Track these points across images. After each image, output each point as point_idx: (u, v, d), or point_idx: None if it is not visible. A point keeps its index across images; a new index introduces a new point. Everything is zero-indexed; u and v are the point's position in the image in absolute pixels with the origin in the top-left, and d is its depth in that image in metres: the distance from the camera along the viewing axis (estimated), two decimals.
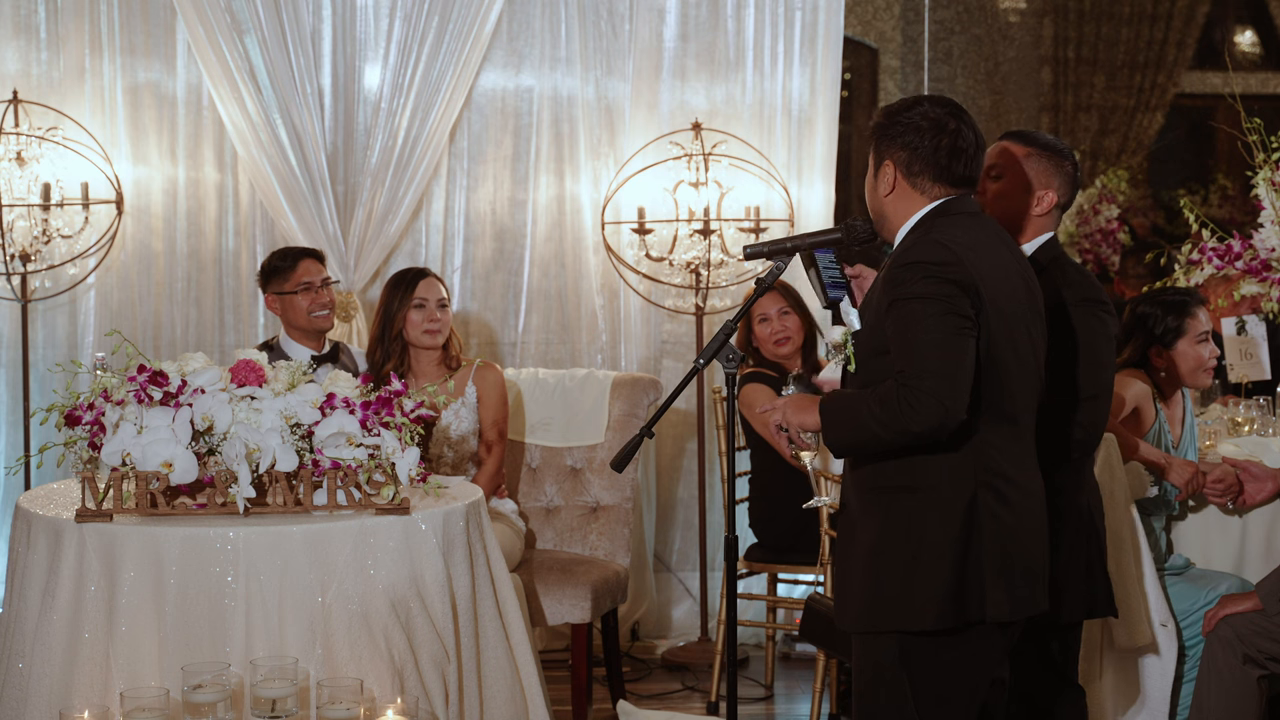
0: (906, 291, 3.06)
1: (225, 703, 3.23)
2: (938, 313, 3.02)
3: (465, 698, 3.66)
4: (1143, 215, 11.14)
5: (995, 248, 3.17)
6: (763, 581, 5.81)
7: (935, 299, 3.03)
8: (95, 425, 3.55)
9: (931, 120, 3.18)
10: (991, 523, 3.09)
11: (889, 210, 3.25)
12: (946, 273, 3.05)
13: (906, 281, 3.07)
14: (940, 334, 3.01)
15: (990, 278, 3.09)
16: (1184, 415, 4.74)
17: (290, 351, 5.10)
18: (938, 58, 10.82)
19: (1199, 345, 4.62)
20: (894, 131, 3.21)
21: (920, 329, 3.02)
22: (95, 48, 5.91)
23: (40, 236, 5.70)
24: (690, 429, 6.20)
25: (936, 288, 3.03)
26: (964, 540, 3.08)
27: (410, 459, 3.57)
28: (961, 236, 3.12)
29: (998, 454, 3.12)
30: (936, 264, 3.06)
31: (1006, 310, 3.11)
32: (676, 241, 6.01)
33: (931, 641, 3.13)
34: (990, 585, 3.09)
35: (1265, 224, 4.52)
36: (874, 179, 3.27)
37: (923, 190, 3.20)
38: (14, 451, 5.89)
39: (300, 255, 5.17)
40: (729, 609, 3.51)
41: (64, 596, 3.44)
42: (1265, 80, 11.95)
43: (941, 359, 3.00)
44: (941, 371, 2.99)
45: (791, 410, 3.30)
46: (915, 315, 3.04)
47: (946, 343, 3.01)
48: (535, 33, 6.14)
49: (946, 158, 3.17)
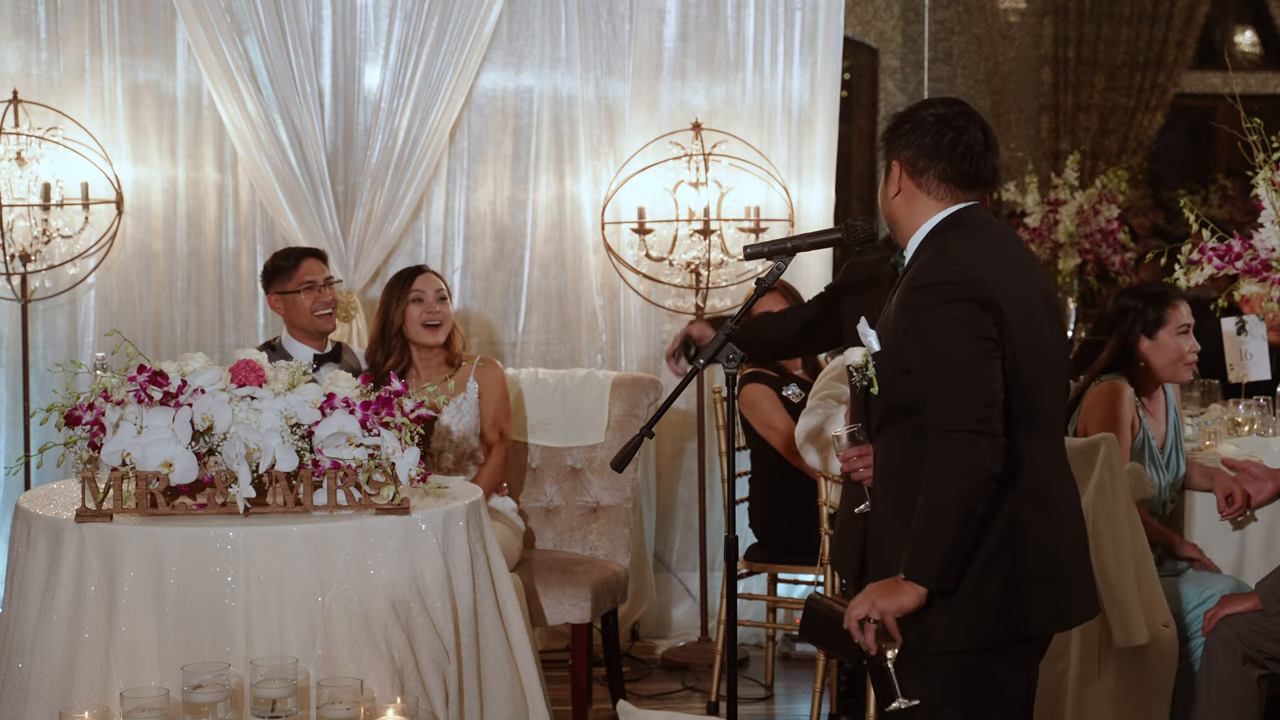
0: (927, 318, 2.97)
1: (225, 703, 3.23)
2: (962, 340, 2.94)
3: (465, 698, 3.66)
4: (1143, 215, 11.13)
5: (1008, 256, 3.10)
6: (763, 581, 5.81)
7: (956, 325, 2.94)
8: (95, 425, 3.55)
9: (937, 117, 3.11)
10: (1035, 533, 3.01)
11: (899, 214, 3.17)
12: (964, 292, 2.96)
13: (924, 306, 2.98)
14: (969, 364, 2.93)
15: (1008, 289, 3.01)
16: (1168, 412, 4.74)
17: (292, 351, 5.09)
18: (938, 58, 10.81)
19: (1179, 337, 4.65)
20: (900, 131, 3.15)
21: (948, 363, 2.93)
22: (95, 48, 5.91)
23: (40, 236, 5.70)
24: (690, 429, 6.20)
25: (957, 311, 2.95)
26: (1011, 554, 2.99)
27: (410, 459, 3.57)
28: (975, 250, 3.04)
29: (1035, 461, 3.04)
30: (953, 284, 2.97)
31: (1027, 318, 3.03)
32: (676, 241, 6.00)
33: (983, 658, 3.03)
34: (1040, 597, 3.01)
35: (1265, 224, 4.51)
36: (884, 183, 3.20)
37: (929, 191, 3.11)
38: (14, 451, 5.89)
39: (303, 254, 5.16)
40: (729, 609, 3.50)
41: (64, 596, 3.44)
42: (1265, 80, 11.94)
43: (976, 392, 2.91)
44: (980, 401, 2.90)
45: (879, 597, 2.97)
46: (939, 345, 2.95)
47: (978, 371, 2.93)
48: (535, 33, 6.14)
49: (950, 155, 3.09)
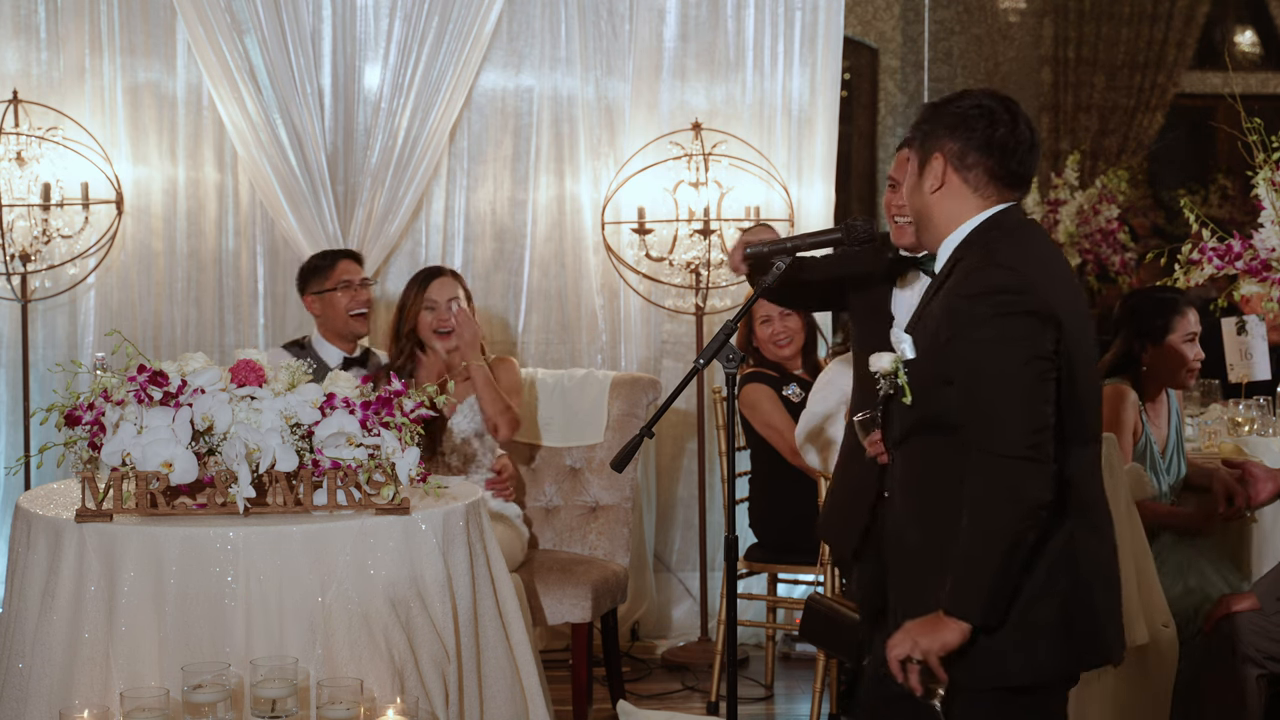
0: (980, 330, 2.75)
1: (225, 703, 3.23)
2: (1019, 359, 2.72)
3: (465, 698, 3.66)
4: (1143, 215, 11.13)
5: (1055, 261, 2.91)
6: (763, 581, 5.81)
7: (1014, 342, 2.73)
8: (95, 425, 3.55)
9: (984, 110, 2.88)
10: (1088, 561, 2.85)
11: (936, 211, 2.92)
12: (1023, 304, 2.73)
13: (978, 317, 2.75)
14: (1024, 385, 2.72)
15: (1062, 298, 2.81)
16: (1170, 416, 4.74)
17: (322, 352, 5.17)
18: (938, 58, 10.81)
19: (1186, 344, 4.64)
20: (944, 121, 2.90)
21: (1002, 382, 2.72)
22: (95, 48, 5.91)
23: (40, 236, 5.70)
24: (690, 429, 6.20)
25: (1013, 327, 2.73)
26: (1065, 582, 2.81)
27: (410, 459, 3.57)
28: (1026, 256, 2.82)
29: (1087, 482, 2.87)
30: (1010, 294, 2.74)
31: (1079, 328, 2.84)
32: (676, 241, 6.00)
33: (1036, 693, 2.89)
34: (1095, 629, 2.86)
35: (1265, 224, 4.51)
36: (918, 177, 2.95)
37: (975, 188, 2.89)
38: (14, 451, 5.89)
39: (339, 255, 5.32)
40: (729, 609, 3.50)
41: (64, 596, 3.44)
42: (1265, 80, 11.94)
43: (1029, 415, 2.71)
44: (1033, 426, 2.71)
45: (920, 635, 2.77)
46: (992, 362, 2.73)
47: (1033, 394, 2.72)
48: (535, 33, 6.14)
49: (1001, 151, 2.87)
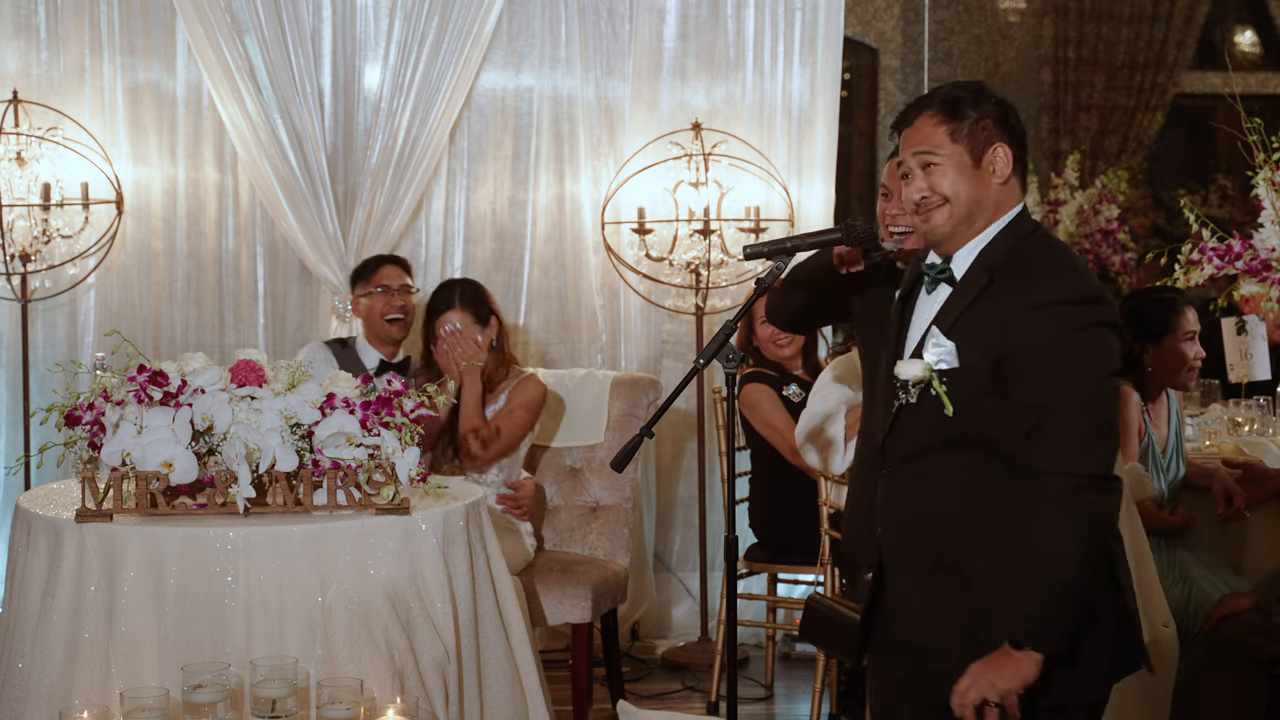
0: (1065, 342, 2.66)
1: (225, 703, 3.23)
2: (1103, 374, 2.68)
3: (465, 698, 3.66)
4: (1143, 215, 11.13)
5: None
6: (763, 581, 5.81)
7: (1099, 358, 2.68)
8: (95, 425, 3.55)
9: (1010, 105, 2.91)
10: (1124, 571, 2.82)
11: (989, 202, 2.84)
12: (1105, 315, 2.70)
13: (1061, 327, 2.67)
14: (1107, 402, 2.69)
15: None
16: (1170, 416, 4.74)
17: (362, 353, 5.27)
18: (938, 58, 10.81)
19: (1186, 344, 4.65)
20: (1010, 119, 2.87)
21: (1089, 399, 2.66)
22: (95, 48, 5.91)
23: (40, 236, 5.70)
24: (690, 429, 6.20)
25: (1099, 338, 2.69)
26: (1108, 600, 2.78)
27: (410, 459, 3.57)
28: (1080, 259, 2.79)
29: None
30: (1094, 304, 2.69)
31: None
32: (676, 241, 6.00)
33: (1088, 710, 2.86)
34: (1138, 629, 2.84)
35: (1265, 224, 4.50)
36: (975, 167, 2.84)
37: (1020, 182, 2.89)
38: (14, 451, 5.89)
39: (384, 260, 5.39)
40: (729, 609, 3.50)
41: (64, 596, 3.44)
42: (1265, 80, 11.93)
43: (1108, 434, 2.69)
44: (1110, 447, 2.69)
45: (995, 677, 2.68)
46: (1078, 377, 2.66)
47: (1113, 411, 2.71)
48: (535, 33, 6.14)
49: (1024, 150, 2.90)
